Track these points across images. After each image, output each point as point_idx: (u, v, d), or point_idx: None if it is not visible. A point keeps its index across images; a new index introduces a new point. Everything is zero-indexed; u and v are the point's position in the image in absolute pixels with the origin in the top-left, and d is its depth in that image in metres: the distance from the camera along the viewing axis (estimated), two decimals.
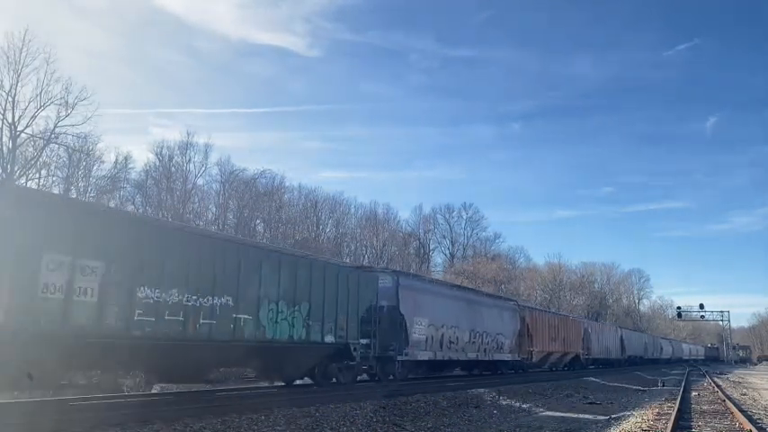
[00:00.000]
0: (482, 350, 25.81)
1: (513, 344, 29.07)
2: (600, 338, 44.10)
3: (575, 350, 38.72)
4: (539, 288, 74.79)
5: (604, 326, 49.94)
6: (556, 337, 34.66)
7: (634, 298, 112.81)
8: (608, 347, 46.56)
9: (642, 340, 63.73)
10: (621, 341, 52.04)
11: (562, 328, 36.27)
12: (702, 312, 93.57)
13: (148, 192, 44.87)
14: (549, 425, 13.33)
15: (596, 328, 44.19)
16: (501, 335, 27.99)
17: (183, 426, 9.23)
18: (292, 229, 53.53)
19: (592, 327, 43.57)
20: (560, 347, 35.86)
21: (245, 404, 11.80)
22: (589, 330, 41.72)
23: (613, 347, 48.59)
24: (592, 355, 41.50)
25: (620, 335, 52.35)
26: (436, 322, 21.77)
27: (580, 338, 39.50)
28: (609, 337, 47.63)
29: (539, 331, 32.14)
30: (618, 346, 50.62)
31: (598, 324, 46.87)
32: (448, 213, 77.77)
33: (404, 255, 65.32)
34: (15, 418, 8.81)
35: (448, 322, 22.85)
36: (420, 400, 14.74)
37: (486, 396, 17.28)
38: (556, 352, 35.27)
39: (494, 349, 27.00)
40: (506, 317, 29.19)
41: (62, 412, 9.73)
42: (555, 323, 35.52)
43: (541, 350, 32.78)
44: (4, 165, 31.65)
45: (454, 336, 23.26)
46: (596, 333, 43.49)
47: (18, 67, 31.62)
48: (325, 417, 11.39)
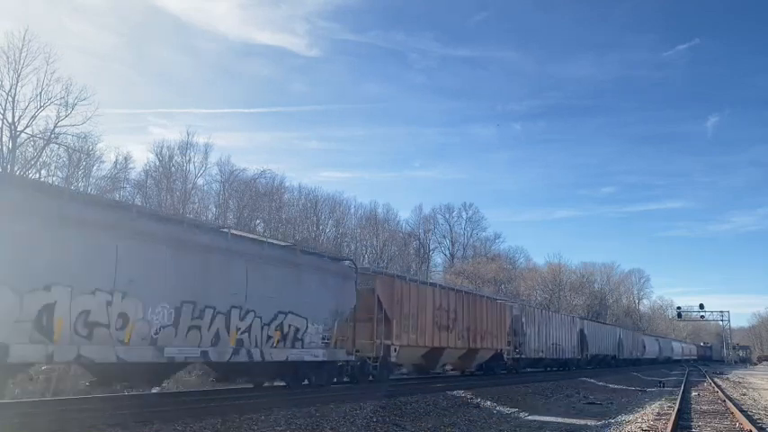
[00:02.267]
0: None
1: (333, 333, 16.05)
2: (543, 331, 33.92)
3: (493, 346, 26.97)
4: (539, 288, 74.74)
5: (552, 315, 37.88)
6: (451, 326, 23.11)
7: (634, 298, 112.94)
8: (558, 344, 36.17)
9: (614, 336, 52.18)
10: (581, 336, 41.49)
11: (467, 313, 24.47)
12: (702, 312, 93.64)
13: (148, 192, 44.83)
14: (549, 425, 13.33)
15: (536, 316, 33.76)
16: (296, 315, 14.63)
17: (183, 426, 9.23)
18: (292, 229, 53.42)
19: (529, 315, 32.62)
20: (461, 341, 23.96)
21: (245, 404, 11.80)
22: (523, 320, 31.00)
23: (567, 344, 38.17)
24: (526, 353, 31.10)
25: (580, 328, 41.87)
26: None
27: (505, 330, 28.35)
28: (560, 330, 36.95)
29: (408, 314, 20.30)
30: (575, 342, 39.83)
31: (540, 312, 35.98)
32: (448, 213, 77.84)
33: (404, 255, 65.29)
34: (15, 417, 8.80)
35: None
36: (420, 400, 14.74)
37: None
38: (452, 348, 23.40)
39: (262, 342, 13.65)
40: (330, 286, 16.02)
41: (62, 412, 9.72)
42: (449, 304, 23.04)
43: (415, 344, 20.78)
44: (4, 165, 31.61)
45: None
46: (536, 324, 33.08)
47: (18, 67, 31.58)
48: (325, 417, 11.39)
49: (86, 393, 12.98)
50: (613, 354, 50.66)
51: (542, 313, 35.79)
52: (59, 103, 32.77)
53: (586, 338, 42.40)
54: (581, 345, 41.14)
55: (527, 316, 32.21)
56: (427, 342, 21.52)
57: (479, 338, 25.46)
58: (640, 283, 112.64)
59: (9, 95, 31.40)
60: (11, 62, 31.36)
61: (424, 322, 21.17)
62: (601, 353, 46.69)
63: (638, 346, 61.82)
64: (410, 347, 20.48)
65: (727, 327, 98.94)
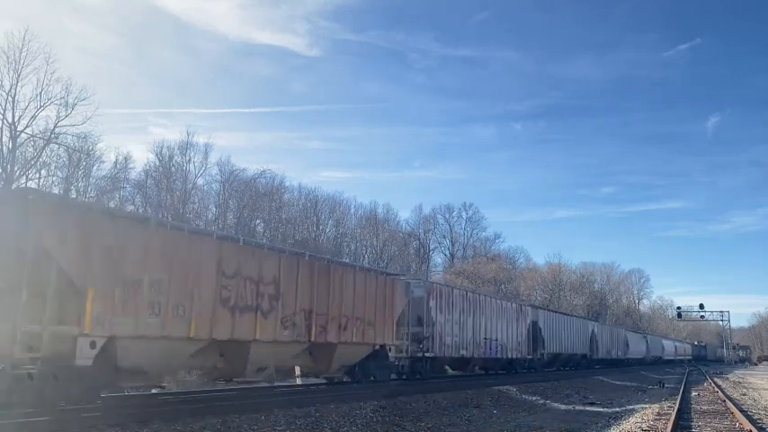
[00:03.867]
0: None
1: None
2: (469, 322, 25.21)
3: (367, 340, 18.08)
4: (539, 288, 74.74)
5: (486, 301, 27.52)
6: (268, 307, 14.72)
7: (634, 298, 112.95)
8: (494, 340, 27.32)
9: (584, 331, 42.09)
10: (534, 330, 32.63)
11: (307, 288, 15.62)
12: (702, 312, 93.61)
13: (148, 192, 44.87)
14: (549, 425, 13.32)
15: (456, 301, 24.28)
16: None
17: (183, 426, 9.23)
18: (292, 229, 53.50)
19: (442, 298, 23.34)
20: (290, 331, 15.29)
21: (245, 404, 11.79)
22: (430, 304, 22.35)
23: (511, 340, 29.27)
24: (437, 351, 22.49)
25: (533, 319, 32.63)
26: None
27: (393, 317, 19.31)
28: (499, 321, 28.03)
29: (139, 280, 11.29)
30: (523, 337, 30.98)
31: (464, 294, 25.61)
32: (448, 213, 77.83)
33: (404, 255, 65.29)
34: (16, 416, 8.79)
35: None
36: (420, 400, 14.75)
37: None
38: (267, 342, 14.50)
39: None
40: None
41: (62, 412, 9.72)
42: (261, 271, 14.09)
43: (161, 333, 11.67)
44: (4, 165, 31.64)
45: None
46: (455, 310, 24.10)
47: (18, 67, 31.64)
48: (325, 417, 11.39)
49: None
50: (584, 353, 41.52)
51: (467, 297, 25.65)
52: (59, 103, 32.86)
53: (541, 333, 33.22)
54: (533, 341, 32.13)
55: (439, 299, 22.92)
56: (198, 331, 12.19)
57: (337, 328, 16.38)
58: (640, 283, 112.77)
59: (9, 95, 31.50)
60: (11, 62, 31.45)
61: (191, 297, 12.11)
62: (564, 352, 37.59)
63: (618, 345, 52.61)
64: (148, 340, 11.25)
65: (727, 327, 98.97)
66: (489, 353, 27.01)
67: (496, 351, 27.74)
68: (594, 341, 44.45)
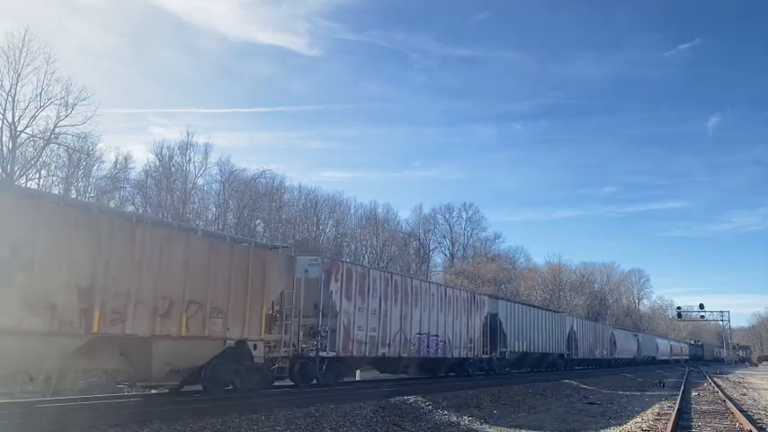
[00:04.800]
0: None
1: None
2: (395, 311, 20.44)
3: (215, 334, 13.32)
4: (539, 288, 74.74)
5: (421, 286, 22.85)
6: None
7: (634, 298, 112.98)
8: (433, 335, 22.66)
9: (561, 327, 36.80)
10: (493, 325, 27.51)
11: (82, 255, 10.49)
12: (702, 312, 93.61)
13: (148, 192, 44.86)
14: (549, 425, 13.33)
15: (376, 284, 19.62)
16: None
17: (183, 426, 9.23)
18: (292, 229, 53.48)
19: (351, 279, 18.49)
20: (71, 325, 10.26)
21: (245, 404, 11.79)
22: (332, 287, 17.57)
23: (459, 336, 24.65)
24: (341, 349, 17.71)
25: (491, 311, 27.54)
26: None
27: (262, 303, 14.46)
28: (441, 313, 23.29)
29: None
30: (478, 333, 26.15)
31: (389, 277, 20.87)
32: (448, 213, 77.80)
33: (404, 255, 65.30)
34: (14, 417, 8.80)
35: None
36: (420, 401, 14.75)
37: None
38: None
39: None
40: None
41: (61, 412, 9.72)
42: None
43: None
44: (4, 165, 31.64)
45: None
46: (372, 296, 19.30)
47: (18, 67, 31.60)
48: (325, 417, 11.40)
49: (86, 393, 12.99)
50: (560, 352, 36.78)
51: (393, 281, 20.53)
52: (59, 103, 32.82)
53: (502, 328, 28.35)
54: (491, 338, 27.43)
55: (346, 281, 17.80)
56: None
57: (150, 315, 11.73)
58: (640, 283, 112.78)
59: (9, 95, 31.46)
60: (11, 62, 31.41)
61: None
62: (534, 350, 32.62)
63: (603, 343, 46.96)
64: None
65: (727, 327, 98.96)
66: (427, 352, 22.15)
67: (437, 349, 22.75)
68: (573, 339, 39.20)
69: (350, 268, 18.87)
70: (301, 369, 16.65)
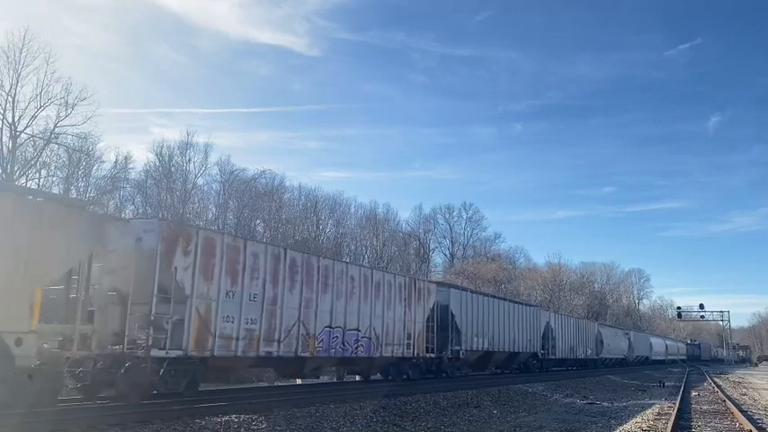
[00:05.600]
0: None
1: None
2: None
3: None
4: (539, 288, 74.73)
5: (318, 264, 17.21)
6: None
7: (634, 298, 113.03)
8: (338, 328, 17.78)
9: (535, 323, 32.70)
10: (441, 319, 23.12)
11: None
12: (702, 312, 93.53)
13: (148, 192, 44.85)
14: (549, 425, 13.32)
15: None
16: None
17: (183, 426, 9.24)
18: (292, 229, 53.46)
19: (216, 247, 13.84)
20: None
21: (245, 404, 11.80)
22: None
23: (395, 333, 20.30)
24: (189, 345, 12.82)
25: (440, 302, 23.32)
26: None
27: (27, 295, 9.86)
28: (339, 301, 17.85)
29: None
30: (418, 330, 21.43)
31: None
32: (448, 213, 77.77)
33: (404, 255, 65.29)
34: (16, 416, 8.79)
35: None
36: (420, 401, 14.75)
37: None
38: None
39: None
40: None
41: (61, 412, 9.72)
42: None
43: None
44: (4, 165, 31.66)
45: None
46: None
47: (18, 67, 31.67)
48: (325, 417, 11.40)
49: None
50: (534, 351, 32.66)
51: (287, 258, 15.85)
52: (59, 103, 32.88)
53: (455, 323, 24.10)
54: (440, 334, 22.99)
55: (201, 255, 13.36)
56: None
57: None
58: (640, 283, 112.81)
59: (9, 95, 31.51)
60: (11, 62, 31.47)
61: None
62: (499, 349, 27.98)
63: (587, 342, 42.53)
64: None
65: (727, 327, 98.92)
66: (342, 350, 17.63)
67: (356, 347, 18.22)
68: (550, 336, 35.14)
69: (210, 238, 13.88)
70: (127, 375, 11.69)
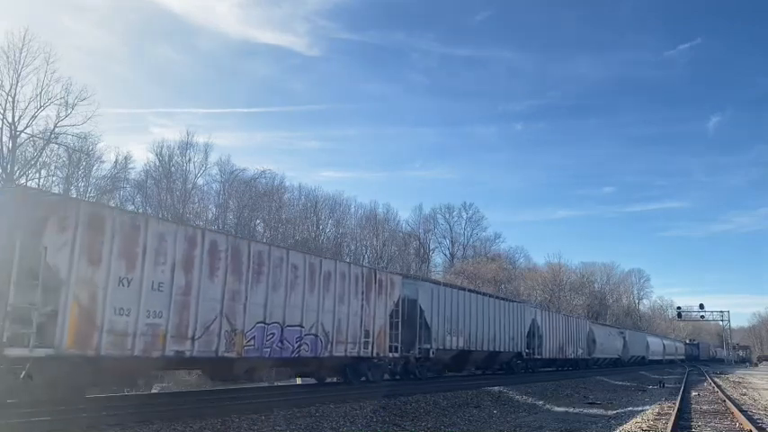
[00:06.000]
0: None
1: None
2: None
3: None
4: (539, 288, 74.71)
5: (251, 249, 14.62)
6: None
7: (634, 298, 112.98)
8: (273, 324, 15.07)
9: (519, 319, 30.39)
10: (407, 314, 20.79)
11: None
12: (702, 312, 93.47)
13: (148, 192, 44.84)
14: (549, 425, 13.32)
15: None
16: None
17: (183, 426, 9.23)
18: (292, 229, 53.47)
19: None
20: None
21: (245, 404, 11.80)
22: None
23: (349, 329, 17.85)
24: (62, 343, 10.26)
25: (406, 297, 21.05)
26: None
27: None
28: (277, 291, 15.25)
29: None
30: (377, 325, 18.83)
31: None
32: (448, 213, 77.78)
33: (404, 255, 65.27)
34: (15, 416, 8.79)
35: None
36: (420, 401, 14.75)
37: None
38: None
39: None
40: None
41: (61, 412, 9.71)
42: None
43: None
44: (4, 165, 31.65)
45: None
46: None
47: (18, 67, 31.66)
48: (325, 417, 11.40)
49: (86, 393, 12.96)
50: (518, 351, 30.06)
51: (205, 240, 13.44)
52: (59, 103, 32.88)
53: (425, 318, 21.95)
54: (407, 332, 20.79)
55: (88, 231, 10.98)
56: None
57: None
58: (640, 283, 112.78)
59: (9, 95, 31.49)
60: (11, 62, 31.46)
61: None
62: (476, 348, 25.63)
63: (578, 341, 40.17)
64: None
65: (727, 327, 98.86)
66: (279, 349, 15.02)
67: (298, 346, 15.66)
68: (536, 335, 32.53)
69: (97, 214, 11.43)
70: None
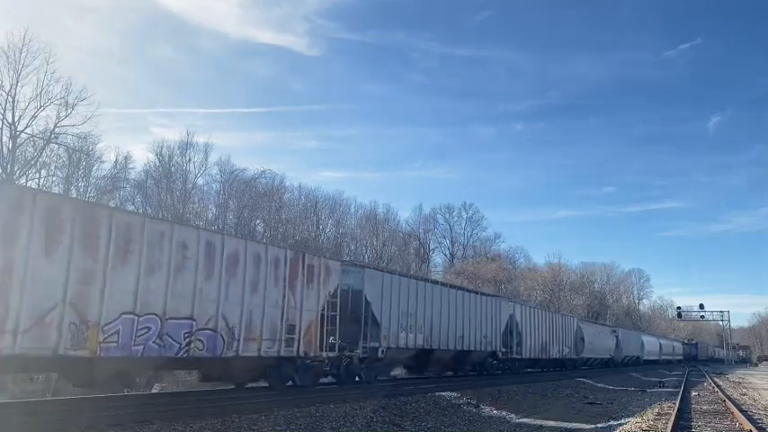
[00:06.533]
0: None
1: None
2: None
3: None
4: (539, 288, 74.71)
5: (134, 221, 12.12)
6: None
7: (634, 298, 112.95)
8: (176, 321, 12.48)
9: (494, 315, 27.75)
10: (354, 307, 18.58)
11: None
12: (702, 312, 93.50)
13: (148, 192, 44.81)
14: (549, 425, 13.32)
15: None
16: None
17: (183, 426, 9.23)
18: (292, 229, 53.47)
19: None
20: None
21: (245, 404, 11.80)
22: None
23: (265, 324, 14.68)
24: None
25: (350, 288, 18.60)
26: None
27: None
28: (176, 277, 12.48)
29: None
30: (306, 321, 15.78)
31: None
32: (448, 213, 77.75)
33: (404, 255, 65.26)
34: (15, 417, 8.79)
35: None
36: (420, 401, 14.75)
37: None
38: None
39: None
40: None
41: (62, 412, 9.72)
42: None
43: None
44: (4, 165, 31.64)
45: None
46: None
47: (18, 67, 31.61)
48: (325, 417, 11.40)
49: (86, 393, 12.98)
50: (494, 349, 27.66)
51: (77, 212, 10.72)
52: (59, 103, 32.82)
53: (372, 312, 18.98)
54: (348, 327, 18.17)
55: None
56: None
57: None
58: (640, 283, 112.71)
59: (9, 95, 31.45)
60: (11, 62, 31.42)
61: None
62: (443, 346, 23.23)
63: (565, 339, 37.65)
64: None
65: (727, 327, 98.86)
66: (159, 347, 12.06)
67: (189, 344, 12.81)
68: (515, 332, 29.69)
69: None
70: None
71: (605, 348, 47.23)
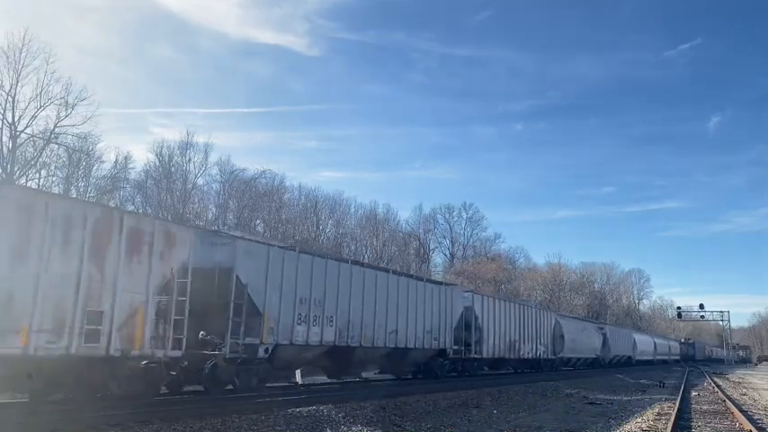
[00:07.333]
0: None
1: None
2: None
3: None
4: (539, 288, 74.75)
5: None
6: None
7: (634, 298, 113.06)
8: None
9: (446, 308, 23.59)
10: (236, 297, 13.93)
11: None
12: (702, 312, 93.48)
13: (148, 192, 44.85)
14: (549, 425, 13.32)
15: None
16: None
17: (183, 426, 9.23)
18: (292, 229, 53.49)
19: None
20: None
21: (245, 404, 11.80)
22: None
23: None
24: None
25: (228, 268, 14.04)
26: None
27: None
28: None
29: None
30: (148, 312, 11.62)
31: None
32: (448, 213, 77.80)
33: (404, 255, 65.27)
34: (15, 417, 8.79)
35: None
36: (420, 401, 14.74)
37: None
38: None
39: None
40: None
41: (62, 412, 9.72)
42: None
43: None
44: (4, 165, 31.67)
45: None
46: None
47: (18, 67, 31.70)
48: (325, 417, 11.39)
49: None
50: (444, 347, 23.55)
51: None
52: (59, 103, 32.91)
53: (253, 302, 14.83)
54: (217, 323, 14.17)
55: None
56: None
57: None
58: (640, 283, 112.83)
59: (9, 95, 31.52)
60: (11, 62, 31.50)
61: None
62: (366, 344, 18.96)
63: (540, 336, 33.27)
64: None
65: (727, 327, 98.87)
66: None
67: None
68: (474, 327, 25.64)
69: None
70: None
71: (590, 347, 42.49)
